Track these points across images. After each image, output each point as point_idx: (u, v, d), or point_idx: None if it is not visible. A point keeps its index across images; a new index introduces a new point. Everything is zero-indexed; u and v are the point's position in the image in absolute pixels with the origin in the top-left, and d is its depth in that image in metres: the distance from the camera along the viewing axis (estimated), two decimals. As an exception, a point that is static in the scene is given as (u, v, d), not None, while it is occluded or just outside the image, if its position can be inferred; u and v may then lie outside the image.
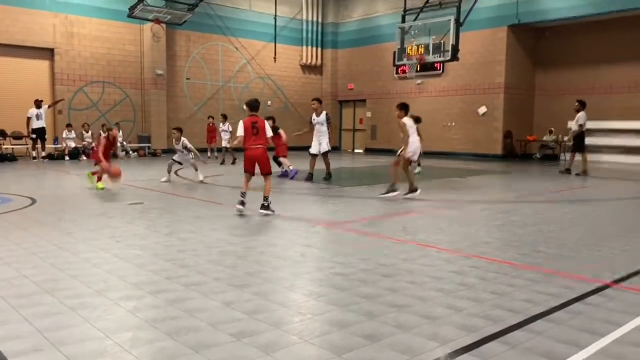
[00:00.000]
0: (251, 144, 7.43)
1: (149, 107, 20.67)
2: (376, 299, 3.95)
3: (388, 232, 6.50)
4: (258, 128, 7.42)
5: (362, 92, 25.76)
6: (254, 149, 7.43)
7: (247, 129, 7.40)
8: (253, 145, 7.42)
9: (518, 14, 19.73)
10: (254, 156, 7.47)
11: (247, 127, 7.41)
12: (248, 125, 7.41)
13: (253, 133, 7.41)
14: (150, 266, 4.80)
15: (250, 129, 7.40)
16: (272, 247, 5.66)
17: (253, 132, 7.41)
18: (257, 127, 7.43)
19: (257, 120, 7.50)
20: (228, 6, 22.74)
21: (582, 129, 14.08)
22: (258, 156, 7.47)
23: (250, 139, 7.42)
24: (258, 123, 7.46)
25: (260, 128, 7.43)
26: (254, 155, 7.46)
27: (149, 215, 7.51)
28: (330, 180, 12.06)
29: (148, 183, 11.33)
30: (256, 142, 7.43)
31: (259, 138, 7.44)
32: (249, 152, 7.47)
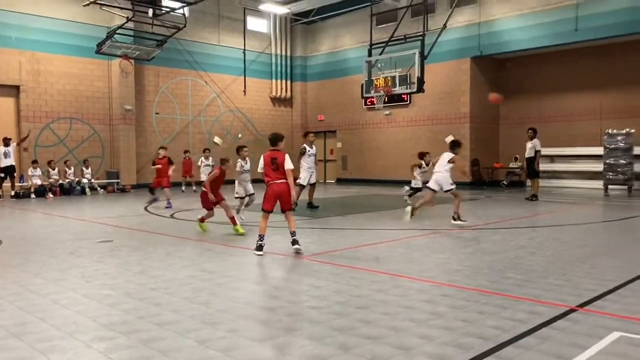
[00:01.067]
0: (273, 179, 7.28)
1: (118, 142, 20.51)
2: (350, 332, 3.99)
3: (361, 263, 6.56)
4: (277, 164, 7.26)
5: (332, 123, 26.12)
6: (278, 184, 7.25)
7: (266, 163, 7.34)
8: (277, 181, 7.25)
9: (480, 46, 20.48)
10: (279, 191, 7.24)
11: (266, 162, 7.34)
12: (267, 161, 7.33)
13: (273, 168, 7.28)
14: (122, 306, 4.74)
15: (270, 164, 7.30)
16: (245, 282, 5.65)
17: (272, 167, 7.28)
18: (277, 162, 7.26)
19: (277, 155, 7.32)
20: (197, 41, 22.97)
21: (539, 155, 14.78)
22: (282, 191, 7.23)
23: (271, 174, 7.30)
24: (278, 159, 7.28)
25: (280, 163, 7.25)
26: (278, 190, 7.24)
27: (119, 254, 7.41)
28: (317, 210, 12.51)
29: (118, 220, 11.19)
30: (277, 177, 7.26)
31: (280, 173, 7.26)
32: (274, 187, 7.27)
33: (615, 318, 4.24)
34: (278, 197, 7.27)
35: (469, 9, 20.80)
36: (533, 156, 14.93)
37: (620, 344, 3.66)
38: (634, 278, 5.60)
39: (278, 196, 7.27)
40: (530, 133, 15.11)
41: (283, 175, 7.26)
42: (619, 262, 6.57)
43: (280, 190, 7.25)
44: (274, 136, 7.55)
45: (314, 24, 26.54)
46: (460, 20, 20.91)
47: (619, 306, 4.58)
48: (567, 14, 18.21)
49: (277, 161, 7.27)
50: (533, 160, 14.98)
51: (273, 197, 7.28)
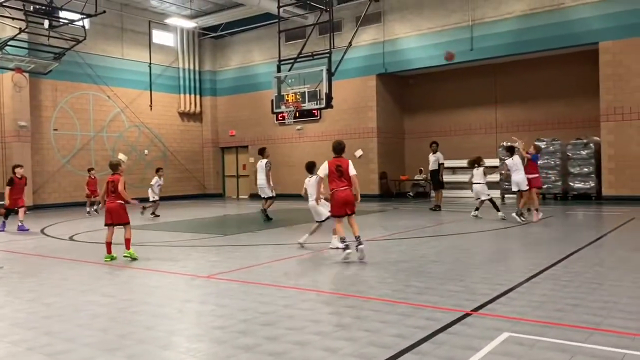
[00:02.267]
0: (338, 186, 7.55)
1: (11, 160, 19.05)
2: (255, 349, 3.95)
3: (270, 279, 6.53)
4: (342, 171, 7.57)
5: (244, 139, 25.95)
6: (343, 190, 7.53)
7: (331, 171, 7.59)
8: (341, 187, 7.54)
9: (385, 64, 21.29)
10: (346, 197, 7.53)
11: (331, 169, 7.60)
12: (332, 168, 7.59)
13: (337, 176, 7.57)
14: (9, 337, 4.38)
15: (335, 171, 7.57)
16: (147, 305, 5.43)
17: (337, 174, 7.57)
18: (341, 169, 7.57)
19: (341, 162, 7.63)
20: (99, 54, 22.01)
21: (442, 167, 15.67)
22: (347, 197, 7.53)
23: (334, 182, 7.58)
24: (342, 166, 7.60)
25: (345, 170, 7.57)
26: (345, 197, 7.53)
27: (9, 281, 6.87)
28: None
29: (9, 245, 10.37)
30: (342, 184, 7.55)
31: (344, 179, 7.56)
32: (340, 194, 7.55)
33: (505, 319, 4.52)
34: (345, 203, 7.57)
35: (374, 28, 21.60)
36: (437, 168, 15.75)
37: (508, 344, 3.90)
38: (523, 281, 6.01)
39: (345, 202, 7.57)
40: (433, 146, 15.99)
41: (348, 182, 7.61)
42: (510, 267, 7.04)
43: (346, 196, 7.58)
44: (340, 144, 7.86)
45: (222, 39, 26.35)
46: (366, 38, 21.65)
47: (508, 308, 4.89)
48: (463, 34, 19.43)
49: (342, 168, 7.60)
50: (437, 172, 15.79)
51: (344, 204, 7.57)
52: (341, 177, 7.60)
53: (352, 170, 7.63)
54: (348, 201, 7.59)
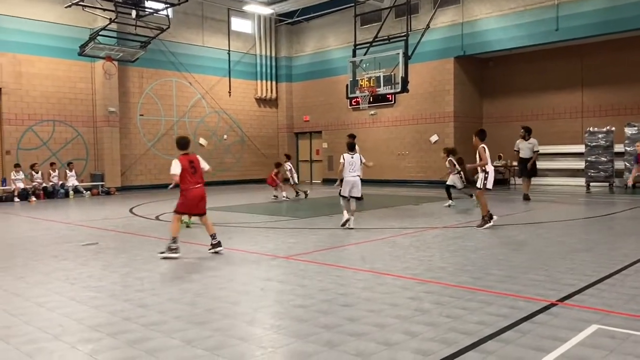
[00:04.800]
0: (192, 183, 7.17)
1: (102, 144, 20.35)
2: (336, 329, 4.04)
3: (347, 262, 6.62)
4: (195, 167, 7.20)
5: (317, 124, 26.17)
6: (197, 188, 7.21)
7: (185, 168, 7.11)
8: (196, 185, 7.20)
9: (463, 46, 20.66)
10: (200, 195, 7.26)
11: (184, 166, 7.11)
12: (186, 164, 7.13)
13: (191, 172, 7.14)
14: (108, 307, 4.74)
15: (189, 168, 7.14)
16: (231, 282, 5.68)
17: (191, 171, 7.14)
18: (194, 165, 7.20)
19: (193, 158, 7.27)
20: (181, 42, 22.87)
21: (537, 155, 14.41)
22: (201, 195, 7.27)
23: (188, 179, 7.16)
24: (194, 162, 7.25)
25: (197, 166, 7.24)
26: (199, 195, 7.25)
27: (105, 256, 7.39)
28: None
29: (102, 222, 11.12)
30: (196, 181, 7.20)
31: (198, 176, 7.23)
32: (194, 192, 7.19)
33: (594, 311, 4.34)
34: (198, 202, 7.21)
35: (452, 10, 20.98)
36: (531, 156, 14.32)
37: (598, 336, 3.75)
38: (612, 273, 5.72)
39: (199, 201, 7.21)
40: (523, 132, 14.63)
41: (202, 179, 7.24)
42: (597, 258, 6.70)
43: (200, 194, 7.22)
44: (184, 139, 7.42)
45: (298, 25, 26.57)
46: (444, 20, 21.08)
47: (597, 300, 4.69)
48: (547, 14, 18.45)
49: (195, 164, 7.18)
50: (529, 160, 14.34)
51: (195, 202, 7.18)
52: (195, 173, 7.17)
53: (205, 165, 7.32)
54: (202, 199, 7.25)
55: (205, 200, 7.35)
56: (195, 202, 7.20)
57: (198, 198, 7.21)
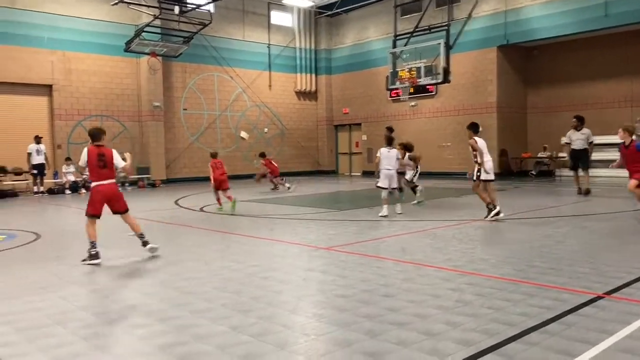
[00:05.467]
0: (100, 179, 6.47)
1: (147, 138, 20.93)
2: (377, 318, 4.09)
3: (387, 253, 6.65)
4: (106, 161, 6.45)
5: (357, 116, 26.13)
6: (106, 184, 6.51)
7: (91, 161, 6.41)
8: (104, 181, 6.48)
9: (506, 35, 20.19)
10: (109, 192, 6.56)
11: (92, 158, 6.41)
12: (93, 157, 6.40)
13: (99, 166, 6.42)
14: (157, 294, 4.94)
15: (97, 161, 6.40)
16: (274, 272, 5.80)
17: (99, 165, 6.41)
18: (105, 160, 6.45)
19: (105, 151, 6.50)
20: (222, 37, 23.21)
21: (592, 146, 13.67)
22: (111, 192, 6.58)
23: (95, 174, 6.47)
24: (105, 155, 6.47)
25: (108, 161, 6.49)
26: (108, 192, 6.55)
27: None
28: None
29: (149, 214, 11.48)
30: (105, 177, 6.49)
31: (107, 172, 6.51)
32: (101, 188, 6.50)
33: (643, 305, 4.25)
34: (108, 200, 6.51)
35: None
36: (587, 147, 13.49)
37: (646, 330, 3.68)
38: (664, 266, 5.56)
39: (108, 199, 6.50)
40: (575, 122, 13.73)
41: (112, 175, 6.52)
42: (649, 251, 6.50)
43: (109, 191, 6.50)
44: (97, 130, 6.65)
45: (338, 17, 26.53)
46: (486, 9, 20.64)
47: (646, 293, 4.57)
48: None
49: (105, 158, 6.43)
50: (587, 152, 13.53)
51: (102, 200, 6.47)
52: (104, 168, 6.40)
53: (120, 162, 6.52)
54: (112, 197, 6.50)
55: (118, 197, 6.58)
56: (104, 200, 6.43)
57: (109, 195, 6.45)
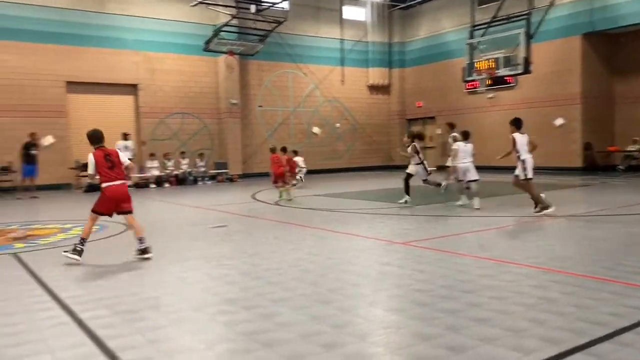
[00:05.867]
0: (111, 179, 6.35)
1: (225, 135, 21.65)
2: (458, 314, 4.05)
3: (465, 249, 6.54)
4: (113, 161, 6.39)
5: (431, 109, 25.69)
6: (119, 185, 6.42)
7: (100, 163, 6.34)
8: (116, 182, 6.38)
9: (592, 22, 19.10)
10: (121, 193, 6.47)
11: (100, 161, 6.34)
12: (101, 159, 6.34)
13: (108, 167, 6.34)
14: (240, 284, 5.14)
15: (104, 162, 6.34)
16: (351, 265, 5.87)
17: (108, 165, 6.34)
18: (112, 159, 6.39)
19: (110, 152, 6.49)
20: (296, 34, 23.54)
21: None
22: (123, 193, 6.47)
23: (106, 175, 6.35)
24: (112, 155, 6.44)
25: (116, 161, 6.43)
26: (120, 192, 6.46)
27: (233, 237, 7.95)
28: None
29: (228, 207, 11.90)
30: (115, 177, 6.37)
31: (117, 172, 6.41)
32: (113, 189, 6.37)
33: None
34: (119, 200, 6.41)
35: (580, -18, 19.46)
36: None
37: None
38: None
39: (119, 199, 6.41)
40: None
41: (122, 175, 6.43)
42: None
43: (121, 191, 6.41)
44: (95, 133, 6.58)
45: (411, 9, 26.16)
46: (570, -6, 19.63)
47: None
48: (695, -21, 16.48)
49: (112, 158, 6.39)
50: None
51: (113, 200, 6.37)
52: (113, 168, 6.31)
53: (125, 160, 6.51)
54: (123, 198, 6.41)
55: (128, 198, 6.51)
56: (117, 201, 6.39)
57: (120, 196, 6.39)
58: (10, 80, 17.42)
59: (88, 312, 4.32)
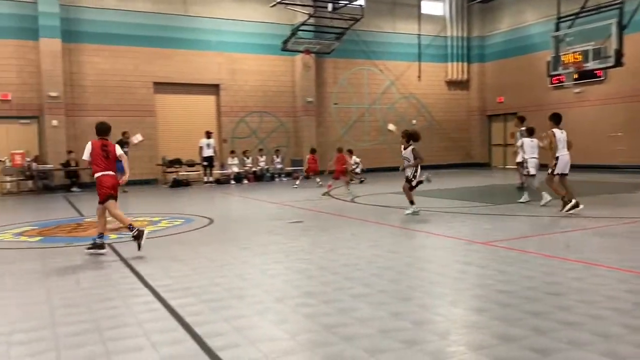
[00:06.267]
0: (105, 169, 6.77)
1: (301, 132, 21.98)
2: (544, 316, 3.91)
3: (550, 250, 6.27)
4: (108, 151, 6.80)
5: (512, 105, 24.69)
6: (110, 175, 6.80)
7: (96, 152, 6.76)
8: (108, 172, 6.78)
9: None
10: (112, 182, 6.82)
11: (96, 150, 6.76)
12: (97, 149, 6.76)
13: (103, 156, 6.77)
14: (319, 278, 5.23)
15: (100, 152, 6.76)
16: (430, 264, 5.81)
17: (103, 155, 6.77)
18: (107, 150, 6.81)
19: (108, 143, 6.88)
20: (373, 30, 23.44)
21: None
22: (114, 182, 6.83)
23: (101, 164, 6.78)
24: (108, 147, 6.84)
25: (111, 152, 6.82)
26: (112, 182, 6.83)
27: (310, 233, 8.09)
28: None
29: (305, 203, 12.09)
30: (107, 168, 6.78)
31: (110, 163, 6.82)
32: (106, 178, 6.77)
33: None
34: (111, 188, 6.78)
35: (681, -34, 17.99)
36: None
37: None
38: None
39: (111, 187, 6.78)
40: None
41: (114, 166, 6.84)
42: None
43: (112, 180, 6.79)
44: (103, 125, 7.00)
45: (492, 2, 25.29)
46: (669, -20, 18.21)
47: None
48: None
49: (108, 149, 6.81)
50: None
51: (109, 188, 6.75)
52: (107, 158, 6.75)
53: (119, 151, 6.87)
54: (115, 188, 6.80)
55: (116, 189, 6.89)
56: (112, 188, 6.78)
57: (112, 185, 6.77)
58: (104, 82, 18.63)
59: (177, 300, 4.57)
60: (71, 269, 5.93)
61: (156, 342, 3.61)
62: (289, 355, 3.35)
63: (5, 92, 17.25)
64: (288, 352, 3.40)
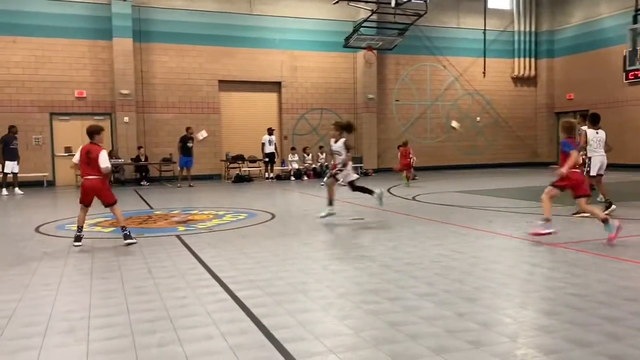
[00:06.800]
0: (85, 174, 6.97)
1: (361, 129, 21.92)
2: (620, 322, 3.73)
3: (627, 255, 5.96)
4: (91, 158, 6.87)
5: (583, 102, 23.60)
6: (89, 179, 6.95)
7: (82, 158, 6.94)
8: (88, 176, 6.94)
9: None
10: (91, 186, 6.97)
11: (81, 155, 6.95)
12: (82, 154, 6.95)
13: (85, 162, 6.91)
14: (382, 275, 5.22)
15: (85, 158, 6.91)
16: (497, 265, 5.66)
17: (85, 161, 6.91)
18: (91, 157, 6.87)
19: (92, 149, 6.92)
20: (436, 26, 23.05)
21: None
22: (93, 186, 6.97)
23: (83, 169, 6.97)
24: (92, 153, 6.89)
25: (94, 159, 6.85)
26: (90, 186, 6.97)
27: (371, 230, 8.07)
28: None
29: (364, 200, 12.06)
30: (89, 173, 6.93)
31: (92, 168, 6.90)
32: (85, 182, 6.99)
33: None
34: (88, 193, 6.96)
35: None
36: None
37: None
38: None
39: (89, 192, 6.96)
40: None
41: (97, 171, 6.90)
42: None
43: (90, 185, 6.94)
44: (89, 128, 7.10)
45: (563, -5, 24.29)
46: None
47: None
48: None
49: (92, 156, 6.87)
50: None
51: (86, 192, 6.97)
52: (88, 164, 6.86)
53: (103, 162, 6.81)
54: (96, 191, 6.95)
55: (100, 192, 7.00)
56: (89, 192, 6.97)
57: (88, 190, 6.96)
58: (170, 80, 19.32)
59: (243, 292, 4.69)
60: (142, 259, 6.20)
61: (225, 332, 3.73)
62: (353, 351, 3.37)
63: (81, 89, 18.24)
64: (352, 348, 3.42)
